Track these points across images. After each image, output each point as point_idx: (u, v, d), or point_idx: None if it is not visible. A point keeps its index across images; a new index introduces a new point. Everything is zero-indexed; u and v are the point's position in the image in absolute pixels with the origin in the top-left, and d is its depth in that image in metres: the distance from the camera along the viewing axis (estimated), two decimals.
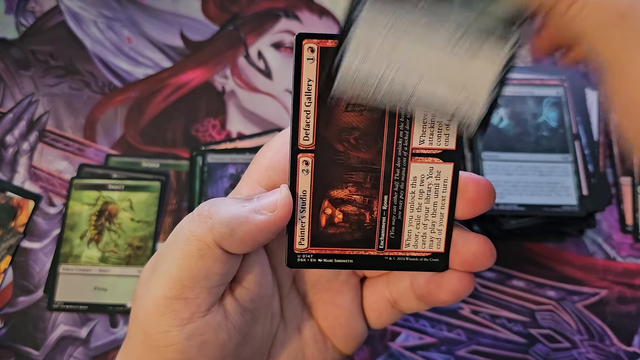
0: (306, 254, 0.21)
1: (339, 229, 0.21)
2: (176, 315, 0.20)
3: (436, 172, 0.20)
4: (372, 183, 0.20)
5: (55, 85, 0.46)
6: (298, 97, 0.19)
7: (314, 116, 0.19)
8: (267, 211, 0.20)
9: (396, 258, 0.21)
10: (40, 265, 0.40)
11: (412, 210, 0.21)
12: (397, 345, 0.38)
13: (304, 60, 0.19)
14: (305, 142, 0.20)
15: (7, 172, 0.43)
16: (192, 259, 0.20)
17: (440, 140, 0.20)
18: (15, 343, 0.38)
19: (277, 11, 0.49)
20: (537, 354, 0.38)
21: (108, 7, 0.49)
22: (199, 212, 0.20)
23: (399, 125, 0.20)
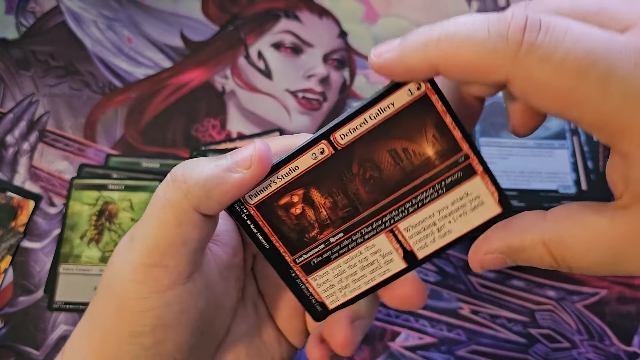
0: (244, 207, 0.21)
1: (287, 218, 0.21)
2: (157, 282, 0.20)
3: (389, 259, 0.21)
4: (344, 215, 0.21)
5: (56, 86, 0.46)
6: (371, 106, 0.19)
7: (365, 129, 0.19)
8: (242, 168, 0.19)
9: (296, 279, 0.22)
10: (40, 265, 0.40)
11: (345, 263, 0.21)
12: (397, 345, 0.38)
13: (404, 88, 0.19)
14: (338, 139, 0.20)
15: (8, 172, 0.43)
16: (169, 226, 0.19)
17: (418, 243, 0.21)
18: (16, 343, 0.38)
19: (277, 11, 0.49)
20: (537, 354, 0.38)
21: (108, 8, 0.49)
22: (172, 177, 0.20)
23: (406, 202, 0.20)
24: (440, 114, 0.19)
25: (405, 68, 0.18)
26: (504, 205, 0.20)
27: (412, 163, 0.20)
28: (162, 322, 0.20)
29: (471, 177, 0.20)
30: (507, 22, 0.16)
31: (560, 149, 0.40)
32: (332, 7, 0.49)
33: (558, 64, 0.16)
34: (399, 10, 0.49)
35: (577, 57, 0.16)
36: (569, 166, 0.39)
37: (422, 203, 0.20)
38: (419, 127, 0.19)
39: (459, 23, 0.17)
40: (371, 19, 0.49)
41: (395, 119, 0.19)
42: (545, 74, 0.16)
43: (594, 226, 0.18)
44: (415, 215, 0.20)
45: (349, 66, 0.47)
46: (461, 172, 0.20)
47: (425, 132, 0.19)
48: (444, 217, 0.20)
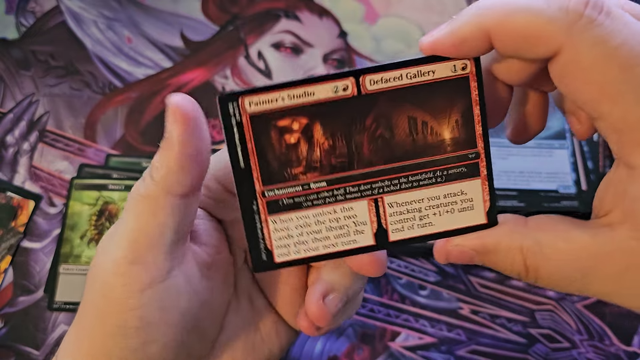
0: (237, 111, 0.18)
1: (277, 143, 0.19)
2: (136, 280, 0.20)
3: (361, 229, 0.20)
4: (336, 165, 0.19)
5: (56, 86, 0.46)
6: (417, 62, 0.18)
7: (399, 87, 0.18)
8: (174, 126, 0.18)
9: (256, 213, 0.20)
10: (40, 265, 0.40)
11: (314, 217, 0.20)
12: (397, 345, 0.38)
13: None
14: (367, 83, 0.18)
15: (8, 172, 0.43)
16: (144, 216, 0.19)
17: (395, 224, 0.19)
18: (16, 343, 0.38)
19: (277, 11, 0.49)
20: (536, 354, 0.38)
21: (108, 8, 0.49)
22: (144, 173, 0.20)
23: (402, 178, 0.19)
24: (472, 102, 0.19)
25: (457, 38, 0.17)
26: (490, 219, 0.19)
27: (426, 139, 0.19)
28: (146, 322, 0.20)
29: (473, 177, 0.19)
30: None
31: (560, 149, 0.40)
32: (332, 7, 0.49)
33: (611, 50, 0.16)
34: (399, 10, 0.49)
35: (631, 50, 0.16)
36: (569, 166, 0.39)
37: (418, 184, 0.19)
38: (446, 106, 0.19)
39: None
40: (371, 19, 0.49)
41: (429, 89, 0.18)
42: (595, 55, 0.16)
43: (575, 240, 0.18)
44: (406, 194, 0.19)
45: (349, 66, 0.47)
46: (466, 168, 0.19)
47: (450, 114, 0.19)
48: (431, 207, 0.20)
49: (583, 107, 0.17)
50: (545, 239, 0.18)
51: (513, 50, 0.18)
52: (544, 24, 0.16)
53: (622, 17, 0.16)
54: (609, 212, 0.18)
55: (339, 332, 0.38)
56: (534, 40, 0.17)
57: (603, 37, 0.16)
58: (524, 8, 0.16)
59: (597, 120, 0.17)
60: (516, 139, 0.22)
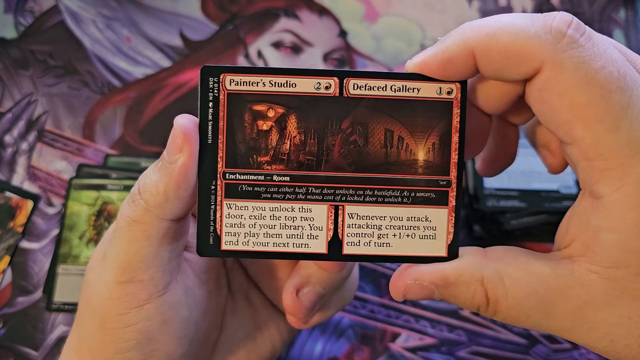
0: (217, 86, 0.18)
1: (249, 126, 0.19)
2: (133, 297, 0.20)
3: (315, 233, 0.19)
4: (303, 162, 0.19)
5: (54, 85, 0.46)
6: (404, 77, 0.18)
7: (382, 97, 0.18)
8: (177, 154, 0.18)
9: (212, 194, 0.19)
10: (39, 266, 0.40)
11: (270, 210, 0.19)
12: (397, 346, 0.38)
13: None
14: (350, 87, 0.18)
15: (6, 172, 0.43)
16: (138, 242, 0.19)
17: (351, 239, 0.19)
18: (14, 343, 0.38)
19: (276, 10, 0.49)
20: (537, 355, 0.38)
21: (107, 7, 0.49)
22: (131, 195, 0.20)
23: (367, 190, 0.19)
24: (453, 128, 0.18)
25: (444, 59, 0.18)
26: (450, 252, 0.19)
27: (399, 155, 0.19)
28: (146, 336, 0.20)
29: (441, 205, 0.19)
30: (553, 16, 0.16)
31: None
32: (332, 6, 0.49)
33: (592, 72, 0.16)
34: (399, 9, 0.49)
35: (611, 75, 0.16)
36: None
37: (382, 200, 0.19)
38: (426, 127, 0.19)
39: (500, 15, 0.17)
40: (371, 18, 0.49)
41: (411, 105, 0.18)
42: (576, 76, 0.16)
43: (535, 273, 0.17)
44: (369, 207, 0.19)
45: (349, 65, 0.47)
46: (434, 195, 0.19)
47: (428, 136, 0.19)
48: (392, 227, 0.19)
49: (556, 131, 0.17)
50: (505, 270, 0.18)
51: (497, 69, 0.17)
52: (527, 42, 0.16)
53: (602, 43, 0.16)
54: (571, 244, 0.18)
55: (339, 333, 0.38)
56: (517, 58, 0.17)
57: (584, 59, 0.16)
58: (508, 26, 0.17)
59: (568, 147, 0.17)
60: (485, 171, 0.22)
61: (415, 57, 0.18)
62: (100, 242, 0.22)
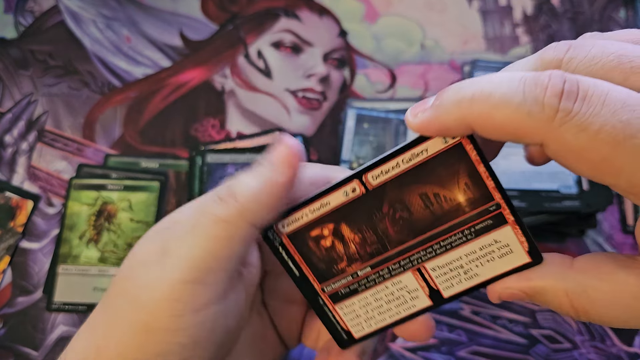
0: (277, 236, 0.22)
1: (317, 249, 0.22)
2: (193, 299, 0.19)
3: (415, 295, 0.22)
4: (372, 251, 0.21)
5: (54, 85, 0.46)
6: (405, 150, 0.20)
7: (397, 172, 0.20)
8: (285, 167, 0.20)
9: (324, 307, 0.23)
10: (39, 266, 0.40)
11: (372, 295, 0.22)
12: (397, 346, 0.38)
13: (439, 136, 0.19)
14: (370, 180, 0.20)
15: (6, 172, 0.43)
16: (220, 241, 0.19)
17: (444, 283, 0.21)
18: (14, 343, 0.38)
19: (276, 10, 0.49)
20: (537, 355, 0.38)
21: (107, 7, 0.49)
22: (219, 195, 0.20)
23: (435, 244, 0.21)
24: (474, 163, 0.19)
25: (441, 127, 0.18)
26: (533, 256, 0.20)
27: (443, 208, 0.20)
28: (193, 342, 0.20)
29: (501, 225, 0.20)
30: (544, 86, 0.16)
31: None
32: (332, 6, 0.49)
33: (594, 134, 0.16)
34: (399, 9, 0.49)
35: (614, 129, 0.16)
36: None
37: (450, 246, 0.20)
38: (451, 174, 0.20)
39: (494, 82, 0.17)
40: (371, 18, 0.49)
41: (428, 165, 0.20)
42: (580, 142, 0.16)
43: (620, 282, 0.18)
44: (443, 257, 0.21)
45: (349, 65, 0.47)
46: (491, 220, 0.20)
47: (458, 180, 0.20)
48: (471, 261, 0.21)
49: (591, 178, 0.17)
50: (589, 283, 0.18)
51: (498, 139, 0.18)
52: (523, 120, 0.16)
53: (600, 94, 0.16)
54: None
55: None
56: (517, 134, 0.17)
57: (583, 125, 0.16)
58: (503, 103, 0.17)
59: (612, 188, 0.17)
60: (535, 162, 0.23)
61: (414, 114, 0.19)
62: (150, 237, 0.20)
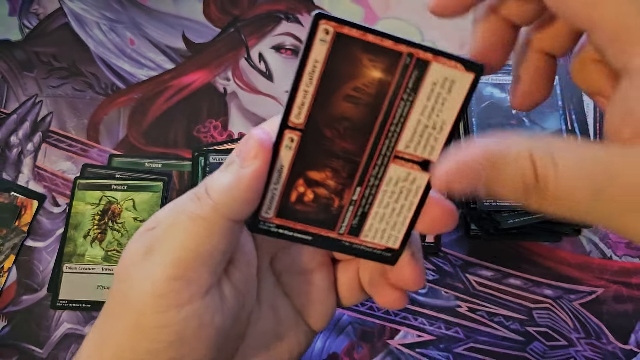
0: (269, 223, 0.21)
1: (307, 207, 0.21)
2: (176, 295, 0.20)
3: (412, 179, 0.21)
4: (348, 173, 0.21)
5: (59, 87, 0.46)
6: (300, 75, 0.19)
7: (311, 97, 0.20)
8: (251, 160, 0.20)
9: (352, 245, 0.22)
10: (44, 264, 0.41)
11: (379, 206, 0.21)
12: (395, 343, 0.38)
13: (316, 40, 0.19)
14: (295, 120, 0.20)
15: (12, 172, 0.43)
16: (199, 237, 0.20)
17: (425, 150, 0.20)
18: (19, 341, 0.38)
19: (277, 14, 0.49)
20: (534, 352, 0.38)
21: (111, 9, 0.49)
22: (196, 194, 0.20)
23: (390, 127, 0.20)
24: (361, 38, 0.19)
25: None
26: (474, 69, 0.19)
27: (369, 94, 0.20)
28: (179, 338, 0.20)
29: (427, 67, 0.19)
30: None
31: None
32: (331, 9, 0.49)
33: None
34: (398, 12, 0.50)
35: None
36: None
37: (403, 117, 0.20)
38: (352, 62, 0.19)
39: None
40: (370, 21, 0.49)
41: (328, 71, 0.19)
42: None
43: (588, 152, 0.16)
44: (405, 130, 0.20)
45: None
46: (416, 70, 0.19)
47: (361, 62, 0.19)
48: (430, 115, 0.20)
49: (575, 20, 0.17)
50: (555, 149, 0.17)
51: None
52: None
53: None
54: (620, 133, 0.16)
55: (339, 330, 0.39)
56: None
57: None
58: None
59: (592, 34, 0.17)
60: (521, 105, 0.22)
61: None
62: (139, 237, 0.21)
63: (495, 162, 0.17)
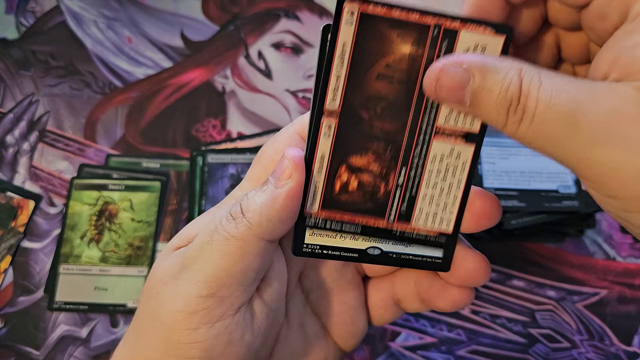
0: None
1: (352, 196, 0.21)
2: (208, 312, 0.20)
3: (457, 153, 0.20)
4: (391, 155, 0.20)
5: (56, 86, 0.46)
6: (331, 60, 0.19)
7: (344, 81, 0.19)
8: (285, 179, 0.20)
9: (404, 233, 0.21)
10: (40, 265, 0.40)
11: (427, 187, 0.21)
12: (397, 345, 0.38)
13: (342, 22, 0.19)
14: (331, 106, 0.20)
15: (8, 172, 0.43)
16: (233, 257, 0.20)
17: (465, 122, 0.20)
18: (16, 343, 0.38)
19: (277, 11, 0.49)
20: (537, 354, 0.38)
21: (108, 7, 0.49)
22: (232, 213, 0.20)
23: (427, 102, 0.20)
24: (386, 15, 0.19)
25: None
26: (504, 31, 0.19)
27: (402, 69, 0.19)
28: (209, 355, 0.20)
29: (456, 37, 0.19)
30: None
31: None
32: (332, 7, 0.49)
33: None
34: None
35: None
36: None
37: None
38: (381, 40, 0.19)
39: None
40: None
41: (358, 52, 0.19)
42: None
43: (573, 80, 0.17)
44: (442, 105, 0.20)
45: None
46: (446, 40, 0.19)
47: (390, 39, 0.19)
48: None
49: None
50: (545, 71, 0.17)
51: None
52: None
53: None
54: (607, 74, 0.17)
55: None
56: None
57: None
58: None
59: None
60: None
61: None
62: (165, 257, 0.21)
63: (487, 71, 0.18)
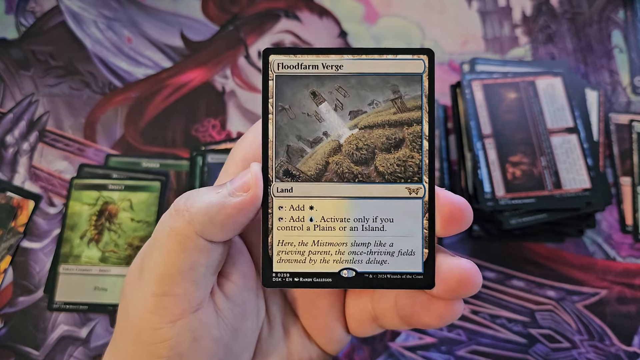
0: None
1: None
2: (167, 311, 0.20)
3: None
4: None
5: (55, 86, 0.46)
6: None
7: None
8: (241, 192, 0.20)
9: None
10: (40, 265, 0.40)
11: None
12: (397, 345, 0.38)
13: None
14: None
15: (7, 172, 0.43)
16: (175, 253, 0.20)
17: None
18: (16, 343, 0.38)
19: (277, 11, 0.49)
20: (537, 354, 0.38)
21: (108, 7, 0.49)
22: (175, 207, 0.20)
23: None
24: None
25: None
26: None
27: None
28: (177, 353, 0.20)
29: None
30: None
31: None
32: (332, 7, 0.49)
33: None
34: (399, 10, 0.49)
35: None
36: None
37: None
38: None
39: None
40: (371, 19, 0.49)
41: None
42: None
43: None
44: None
45: None
46: None
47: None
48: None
49: None
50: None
51: None
52: None
53: None
54: None
55: None
56: None
57: None
58: None
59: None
60: None
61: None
62: (138, 254, 0.22)
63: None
